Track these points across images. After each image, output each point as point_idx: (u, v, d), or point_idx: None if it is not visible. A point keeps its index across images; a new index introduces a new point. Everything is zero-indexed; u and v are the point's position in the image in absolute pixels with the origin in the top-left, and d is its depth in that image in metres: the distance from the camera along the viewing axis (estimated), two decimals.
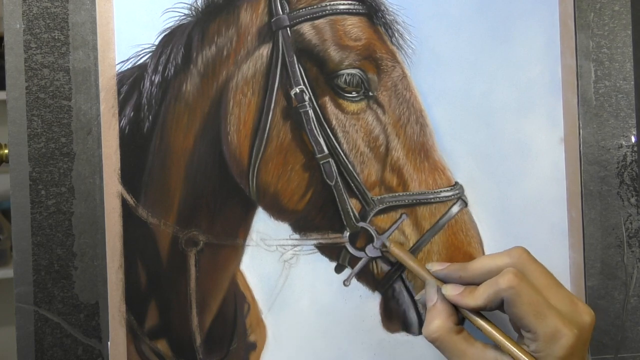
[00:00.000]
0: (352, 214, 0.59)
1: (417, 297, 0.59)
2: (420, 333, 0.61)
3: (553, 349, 0.49)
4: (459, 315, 0.54)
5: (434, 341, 0.53)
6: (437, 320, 0.53)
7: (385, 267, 0.60)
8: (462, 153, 0.61)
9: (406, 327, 0.61)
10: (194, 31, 0.59)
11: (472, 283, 0.54)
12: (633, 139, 0.64)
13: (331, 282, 0.60)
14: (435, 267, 0.56)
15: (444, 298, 0.54)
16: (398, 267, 0.60)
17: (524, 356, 0.50)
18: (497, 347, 0.52)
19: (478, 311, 0.53)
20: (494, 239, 0.61)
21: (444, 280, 0.56)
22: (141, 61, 0.58)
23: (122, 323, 0.58)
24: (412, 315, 0.61)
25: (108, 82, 0.58)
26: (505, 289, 0.50)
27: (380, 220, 0.60)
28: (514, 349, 0.51)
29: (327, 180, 0.59)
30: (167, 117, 0.59)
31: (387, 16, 0.60)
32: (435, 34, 0.61)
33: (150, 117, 0.58)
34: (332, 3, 0.59)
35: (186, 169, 0.59)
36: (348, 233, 0.60)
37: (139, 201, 0.58)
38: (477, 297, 0.52)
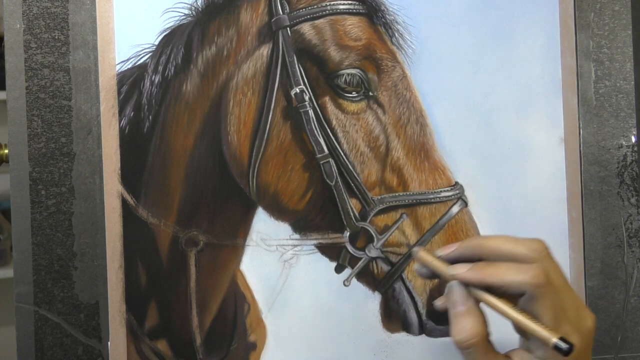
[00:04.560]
0: (352, 214, 0.59)
1: (437, 304, 0.51)
2: (420, 333, 0.61)
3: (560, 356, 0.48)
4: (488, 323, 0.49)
5: (468, 347, 0.48)
6: (475, 326, 0.48)
7: (385, 267, 0.60)
8: (462, 153, 0.61)
9: (406, 328, 0.61)
10: (194, 31, 0.59)
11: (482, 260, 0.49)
12: (633, 139, 0.64)
13: (331, 282, 0.60)
14: (446, 250, 0.51)
15: (475, 304, 0.49)
16: (398, 267, 0.60)
17: (547, 333, 0.46)
18: (509, 357, 0.48)
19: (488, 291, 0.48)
20: None
21: (455, 262, 0.50)
22: (141, 61, 0.58)
23: (122, 323, 0.58)
24: (412, 316, 0.60)
25: (108, 82, 0.58)
26: (534, 284, 0.47)
27: (381, 220, 0.60)
28: (538, 327, 0.47)
29: (327, 180, 0.59)
30: (167, 117, 0.59)
31: (387, 16, 0.60)
32: (435, 34, 0.61)
33: (150, 117, 0.58)
34: (332, 3, 0.59)
35: (186, 169, 0.59)
36: (348, 233, 0.60)
37: (139, 201, 0.58)
38: (495, 274, 0.48)
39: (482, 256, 0.49)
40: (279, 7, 0.59)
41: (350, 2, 0.60)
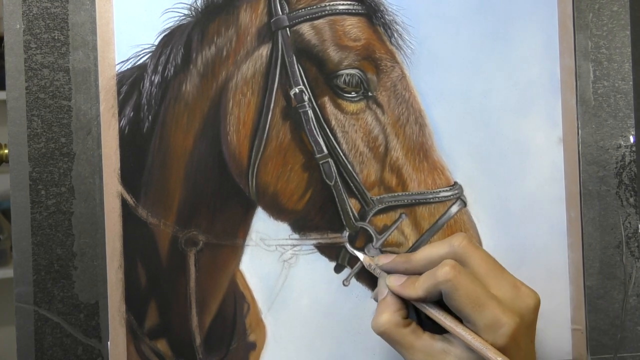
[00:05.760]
0: (351, 214, 0.60)
1: (372, 296, 0.60)
2: None
3: (494, 338, 0.49)
4: (407, 310, 0.55)
5: (381, 334, 0.54)
6: (385, 314, 0.54)
7: None
8: (461, 153, 0.61)
9: None
10: (193, 31, 0.59)
11: (417, 274, 0.54)
12: (632, 139, 0.64)
13: (330, 281, 0.60)
14: (382, 260, 0.57)
15: (393, 293, 0.55)
16: None
17: (472, 338, 0.50)
18: (445, 338, 0.52)
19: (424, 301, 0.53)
20: (493, 239, 0.61)
21: (391, 272, 0.56)
22: (141, 61, 0.58)
23: (122, 323, 0.58)
24: (412, 316, 0.61)
25: (108, 82, 0.58)
26: (442, 281, 0.50)
27: (380, 220, 0.60)
28: (464, 332, 0.51)
29: (327, 180, 0.59)
30: (167, 117, 0.59)
31: (386, 16, 0.60)
32: (434, 34, 0.61)
33: (149, 117, 0.59)
34: (331, 3, 0.60)
35: (186, 169, 0.59)
36: (347, 233, 0.60)
37: (139, 201, 0.58)
38: (418, 288, 0.53)
39: (414, 271, 0.55)
40: (279, 7, 0.59)
41: (349, 2, 0.60)
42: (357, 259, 0.60)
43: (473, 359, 0.50)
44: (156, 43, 0.59)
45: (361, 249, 0.60)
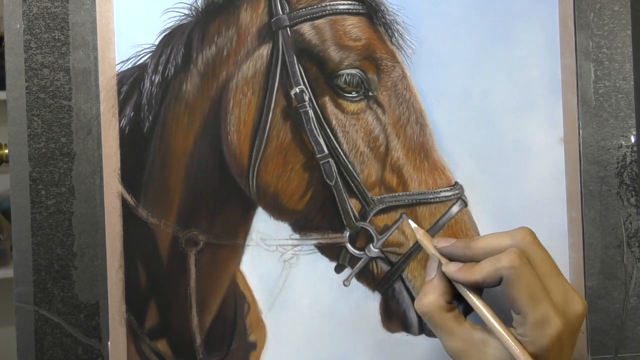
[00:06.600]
0: (352, 214, 0.60)
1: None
2: (420, 333, 0.61)
3: (539, 336, 0.49)
4: (453, 294, 0.54)
5: (423, 315, 0.53)
6: (430, 296, 0.53)
7: (385, 267, 0.60)
8: (461, 153, 0.61)
9: (406, 327, 0.61)
10: (194, 31, 0.59)
11: (474, 261, 0.53)
12: (632, 139, 0.64)
13: (331, 282, 0.60)
14: (441, 243, 0.56)
15: (442, 275, 0.54)
16: (398, 267, 0.60)
17: (509, 339, 0.49)
18: (485, 328, 0.52)
19: (474, 289, 0.52)
20: None
21: (448, 256, 0.55)
22: (141, 61, 0.58)
23: (122, 323, 0.58)
24: (412, 316, 0.61)
25: (108, 82, 0.58)
26: (507, 267, 0.49)
27: (380, 220, 0.60)
28: (502, 330, 0.50)
29: (327, 180, 0.59)
30: (167, 117, 0.59)
31: (387, 16, 0.60)
32: (435, 34, 0.61)
33: (150, 117, 0.59)
34: (332, 3, 0.60)
35: (186, 169, 0.59)
36: (348, 233, 0.60)
37: (139, 201, 0.58)
38: (477, 271, 0.51)
39: (472, 258, 0.53)
40: (279, 7, 0.59)
41: (350, 2, 0.60)
42: (358, 259, 0.60)
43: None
44: (156, 43, 0.59)
45: (362, 249, 0.60)
